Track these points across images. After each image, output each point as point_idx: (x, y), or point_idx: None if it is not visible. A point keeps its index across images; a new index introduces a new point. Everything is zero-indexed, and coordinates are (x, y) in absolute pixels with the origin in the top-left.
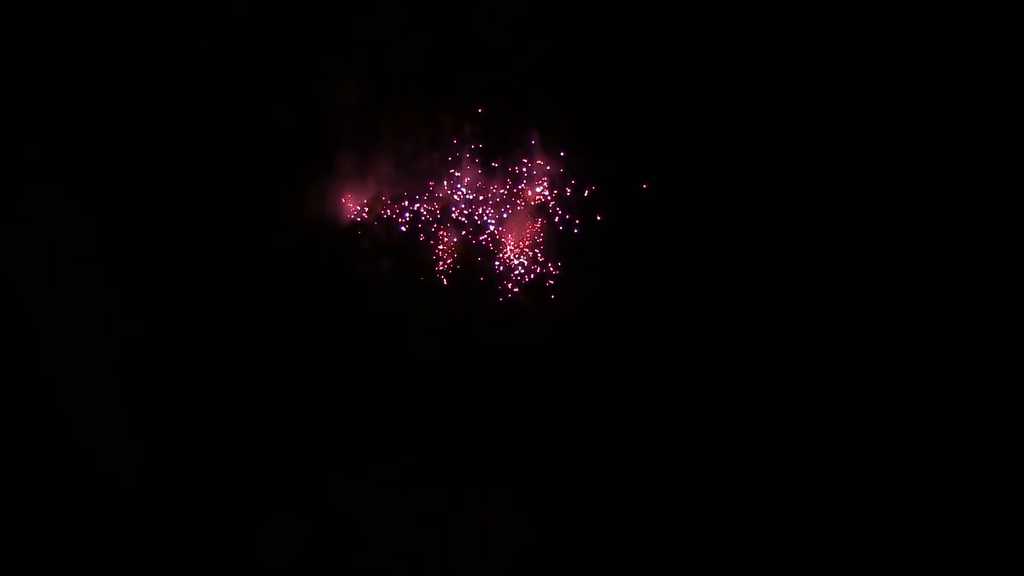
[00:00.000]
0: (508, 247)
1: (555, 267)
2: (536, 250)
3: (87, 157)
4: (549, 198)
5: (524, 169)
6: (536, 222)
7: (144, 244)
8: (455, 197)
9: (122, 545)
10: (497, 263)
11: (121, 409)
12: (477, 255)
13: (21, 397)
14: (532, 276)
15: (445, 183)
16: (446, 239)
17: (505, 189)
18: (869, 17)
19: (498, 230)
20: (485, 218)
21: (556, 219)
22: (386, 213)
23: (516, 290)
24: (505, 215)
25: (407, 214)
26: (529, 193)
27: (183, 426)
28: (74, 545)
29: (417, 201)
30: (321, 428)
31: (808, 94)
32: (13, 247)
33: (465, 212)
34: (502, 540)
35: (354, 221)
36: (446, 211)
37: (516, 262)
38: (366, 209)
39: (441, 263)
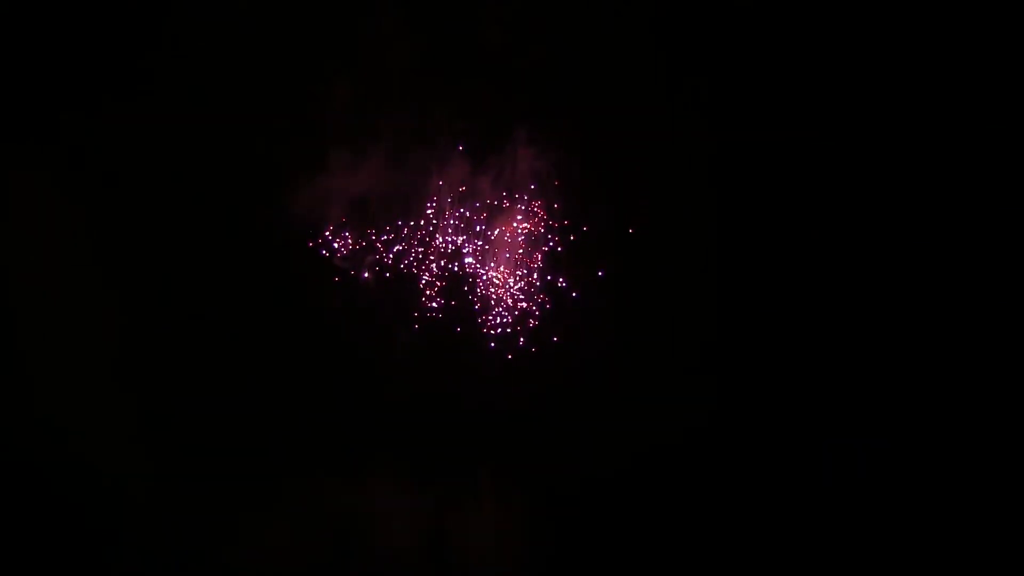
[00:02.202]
0: (504, 253)
1: (554, 277)
2: (535, 259)
3: (79, 155)
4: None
5: (522, 189)
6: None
7: (136, 244)
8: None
9: (117, 546)
10: (492, 263)
11: (112, 409)
12: (472, 255)
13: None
14: (526, 282)
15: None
16: (441, 239)
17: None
18: (870, 17)
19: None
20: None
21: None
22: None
23: (511, 293)
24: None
25: (398, 224)
26: (525, 221)
27: (176, 426)
28: (69, 546)
29: (409, 212)
30: (316, 429)
31: (810, 95)
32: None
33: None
34: (495, 542)
35: (345, 224)
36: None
37: (512, 263)
38: (358, 215)
39: (434, 265)
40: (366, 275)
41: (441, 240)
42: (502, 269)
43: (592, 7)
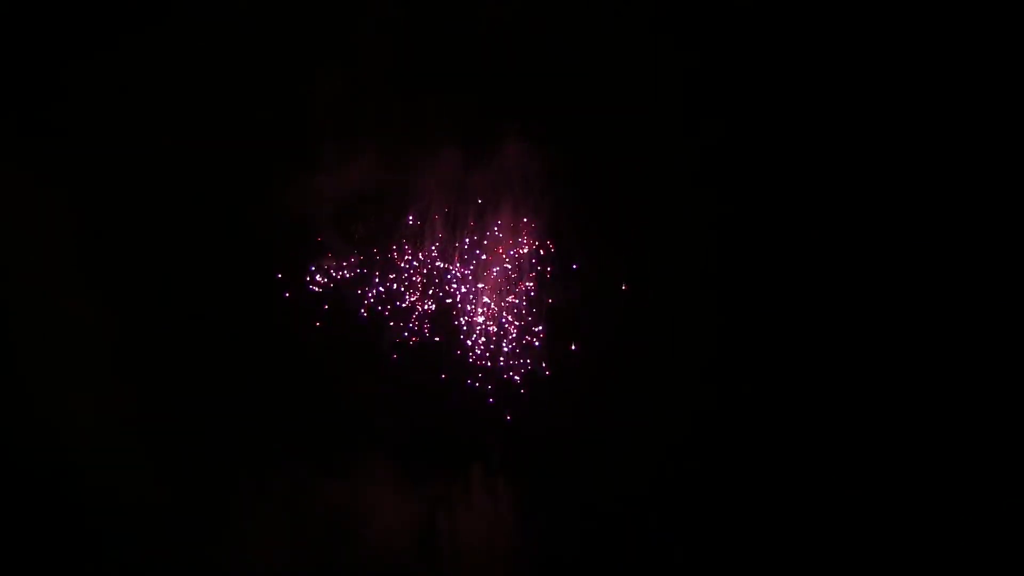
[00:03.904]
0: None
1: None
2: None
3: (76, 155)
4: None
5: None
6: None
7: (134, 244)
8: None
9: (113, 546)
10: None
11: (111, 410)
12: (467, 252)
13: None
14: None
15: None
16: (436, 238)
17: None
18: (869, 17)
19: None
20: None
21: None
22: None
23: (500, 296)
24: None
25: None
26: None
27: (170, 426)
28: (69, 546)
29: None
30: (310, 428)
31: (811, 95)
32: None
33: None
34: (487, 540)
35: (341, 226)
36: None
37: (504, 263)
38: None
39: (429, 268)
40: (363, 277)
41: (436, 238)
42: (496, 272)
43: (592, 7)
